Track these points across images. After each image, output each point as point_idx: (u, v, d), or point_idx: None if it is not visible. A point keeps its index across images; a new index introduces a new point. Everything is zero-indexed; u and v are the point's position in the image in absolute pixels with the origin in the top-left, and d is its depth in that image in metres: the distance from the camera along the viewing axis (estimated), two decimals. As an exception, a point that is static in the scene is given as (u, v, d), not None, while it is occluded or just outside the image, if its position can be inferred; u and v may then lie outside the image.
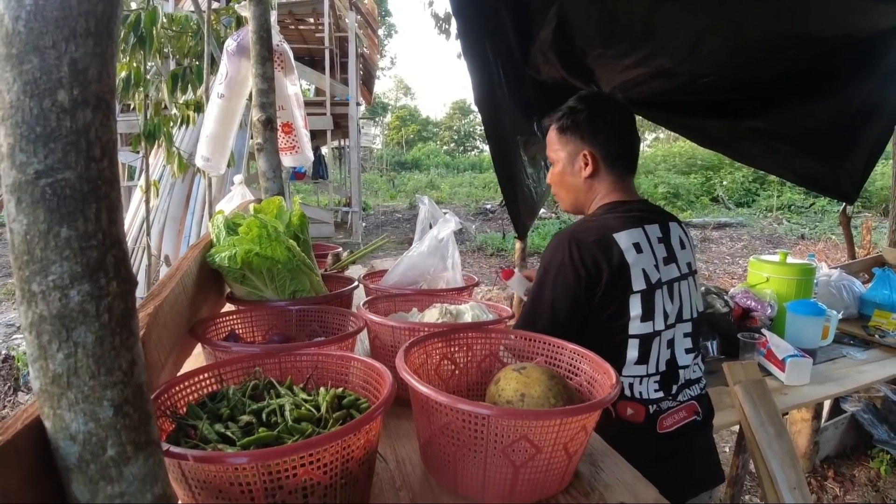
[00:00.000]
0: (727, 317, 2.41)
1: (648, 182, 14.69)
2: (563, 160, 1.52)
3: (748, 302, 2.52)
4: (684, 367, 1.41)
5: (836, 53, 2.27)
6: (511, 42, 2.47)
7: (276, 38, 2.47)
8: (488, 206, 13.76)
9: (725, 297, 2.50)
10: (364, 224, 11.39)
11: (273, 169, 2.40)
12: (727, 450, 3.42)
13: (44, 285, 0.41)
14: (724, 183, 14.80)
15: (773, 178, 13.09)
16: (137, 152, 8.50)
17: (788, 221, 11.85)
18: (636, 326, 1.32)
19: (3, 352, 4.97)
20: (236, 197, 2.44)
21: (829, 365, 2.28)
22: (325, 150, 12.55)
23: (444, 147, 35.48)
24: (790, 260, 2.58)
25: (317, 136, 10.53)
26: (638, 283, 1.33)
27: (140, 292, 6.16)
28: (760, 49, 2.20)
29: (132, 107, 5.56)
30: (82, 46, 0.40)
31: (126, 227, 6.40)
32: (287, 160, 2.64)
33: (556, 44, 2.41)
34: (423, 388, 0.76)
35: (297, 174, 10.75)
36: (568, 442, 0.76)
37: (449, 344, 1.01)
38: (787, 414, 2.99)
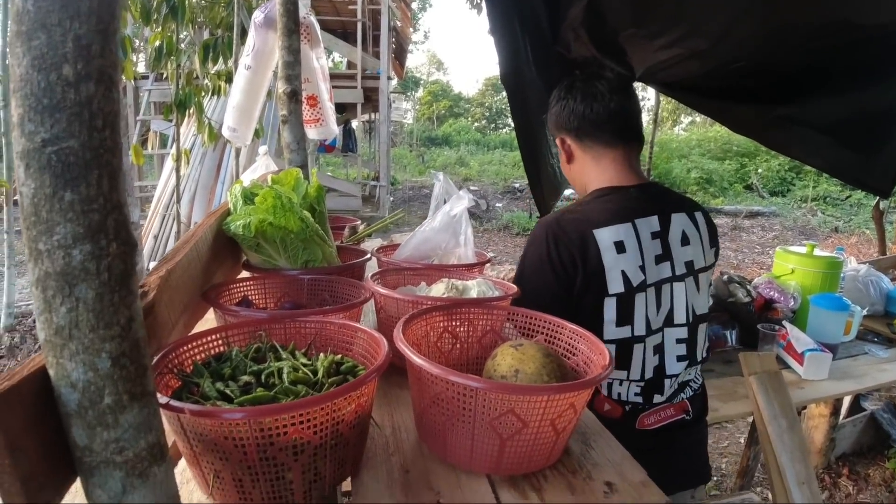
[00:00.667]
0: (748, 307, 2.39)
1: (681, 167, 14.43)
2: (558, 152, 1.49)
3: (771, 293, 2.49)
4: (672, 376, 1.33)
5: (873, 43, 2.20)
6: (541, 19, 2.45)
7: (303, 10, 2.49)
8: (517, 185, 13.70)
9: (748, 287, 2.47)
10: (391, 199, 11.45)
11: (297, 141, 2.43)
12: (741, 441, 3.41)
13: (49, 244, 0.45)
14: (760, 171, 14.47)
15: (809, 167, 12.74)
16: (170, 121, 8.65)
17: (823, 213, 11.58)
18: (610, 331, 1.26)
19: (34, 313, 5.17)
20: (260, 167, 2.49)
21: (849, 361, 2.25)
22: (355, 123, 12.59)
23: (475, 124, 35.23)
24: (817, 252, 2.54)
25: (347, 110, 10.57)
26: (614, 287, 1.26)
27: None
28: (795, 35, 2.15)
29: (165, 76, 5.66)
30: (86, 24, 0.43)
31: (157, 195, 6.52)
32: (312, 132, 2.68)
33: (587, 21, 2.38)
34: (416, 359, 0.79)
35: (326, 147, 10.82)
36: (555, 418, 0.78)
37: (451, 318, 1.03)
38: (804, 409, 2.96)
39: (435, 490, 0.76)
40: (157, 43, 4.24)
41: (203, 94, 4.60)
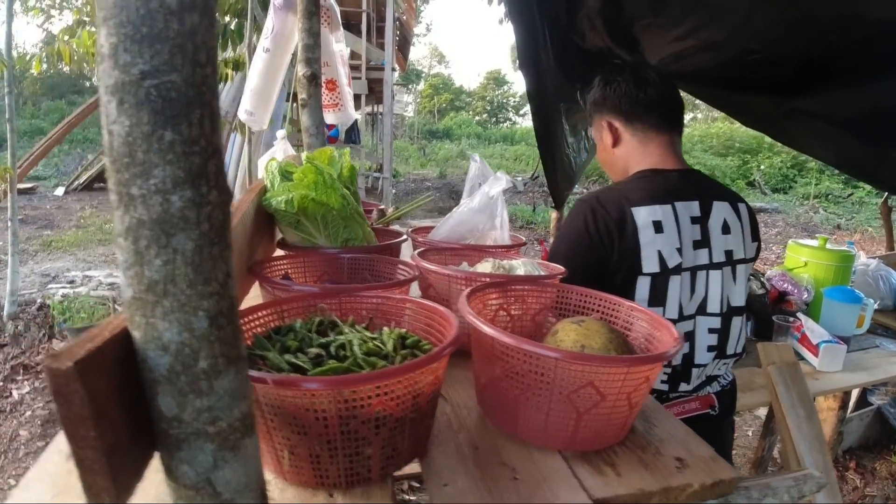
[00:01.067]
0: (762, 298, 2.37)
1: (683, 162, 14.39)
2: (597, 140, 1.49)
3: (785, 285, 2.47)
4: (700, 366, 1.30)
5: (888, 37, 2.16)
6: (559, 6, 2.41)
7: (324, -8, 2.44)
8: (519, 178, 13.65)
9: (762, 279, 2.45)
10: (394, 191, 11.40)
11: (316, 125, 2.39)
12: (749, 433, 3.40)
13: (144, 189, 0.40)
14: (762, 167, 14.44)
15: (811, 165, 12.72)
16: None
17: (825, 210, 11.57)
18: None
19: (39, 300, 5.11)
20: (279, 152, 2.44)
21: (861, 354, 2.24)
22: (358, 115, 12.52)
23: (477, 117, 35.08)
24: (829, 246, 2.52)
25: (351, 101, 10.44)
26: (649, 266, 1.25)
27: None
28: (813, 27, 2.11)
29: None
30: (191, -55, 0.39)
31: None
32: (330, 117, 2.63)
33: (604, 10, 2.34)
34: (489, 330, 0.75)
35: (329, 138, 10.74)
36: (632, 392, 0.75)
37: (506, 295, 1.00)
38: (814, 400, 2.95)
39: (509, 466, 0.73)
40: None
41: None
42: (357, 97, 9.84)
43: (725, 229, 1.33)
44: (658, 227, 1.26)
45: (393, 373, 0.60)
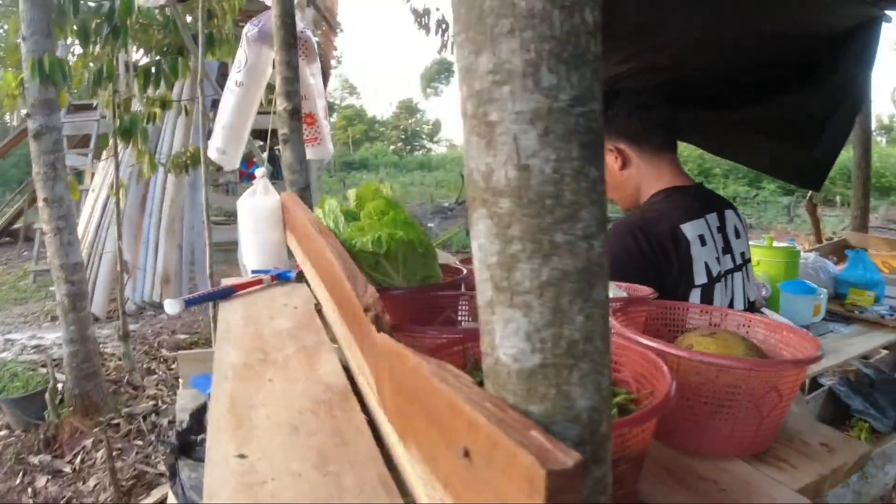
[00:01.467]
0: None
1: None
2: None
3: None
4: None
5: (809, 50, 2.36)
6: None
7: (300, 24, 2.36)
8: (445, 205, 13.75)
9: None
10: (322, 225, 11.18)
11: (299, 161, 2.29)
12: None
13: (571, 234, 0.35)
14: (670, 177, 15.29)
15: (717, 170, 13.58)
16: (85, 155, 8.04)
17: (735, 212, 12.36)
18: None
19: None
20: (259, 191, 2.32)
21: (821, 340, 2.37)
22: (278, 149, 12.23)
23: (392, 146, 35.14)
24: (776, 244, 2.71)
25: (272, 135, 10.22)
26: (700, 278, 1.31)
27: (101, 298, 5.81)
28: (745, 48, 2.27)
29: (96, 105, 5.26)
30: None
31: (80, 233, 5.98)
32: (309, 152, 2.53)
33: None
34: (675, 351, 0.75)
35: (250, 175, 10.41)
36: (795, 391, 0.79)
37: (626, 317, 0.98)
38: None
39: (709, 480, 0.72)
40: (93, 66, 3.95)
41: (141, 121, 4.32)
42: (274, 131, 9.63)
43: (737, 234, 1.45)
44: (702, 240, 1.33)
45: (651, 412, 0.57)
